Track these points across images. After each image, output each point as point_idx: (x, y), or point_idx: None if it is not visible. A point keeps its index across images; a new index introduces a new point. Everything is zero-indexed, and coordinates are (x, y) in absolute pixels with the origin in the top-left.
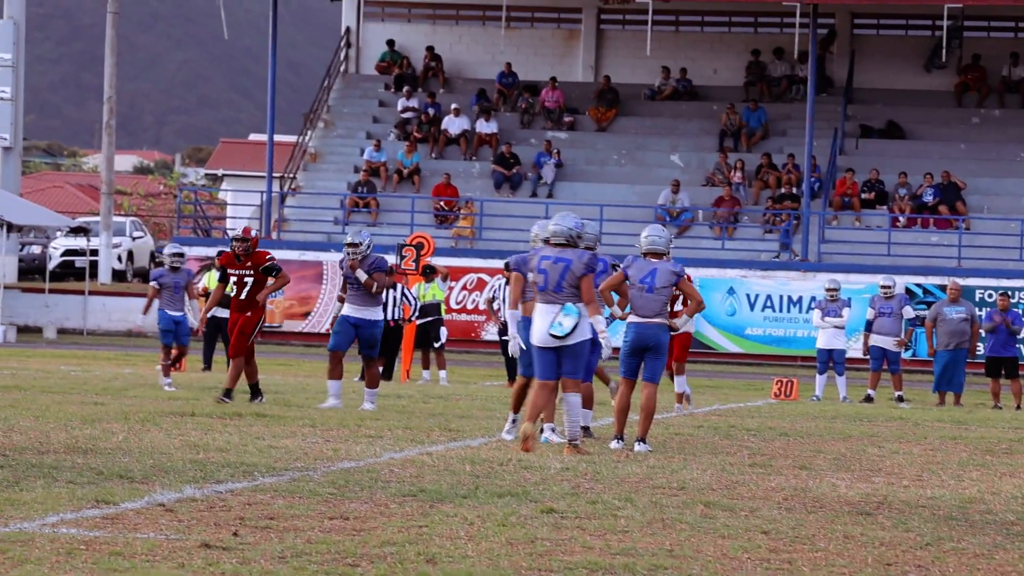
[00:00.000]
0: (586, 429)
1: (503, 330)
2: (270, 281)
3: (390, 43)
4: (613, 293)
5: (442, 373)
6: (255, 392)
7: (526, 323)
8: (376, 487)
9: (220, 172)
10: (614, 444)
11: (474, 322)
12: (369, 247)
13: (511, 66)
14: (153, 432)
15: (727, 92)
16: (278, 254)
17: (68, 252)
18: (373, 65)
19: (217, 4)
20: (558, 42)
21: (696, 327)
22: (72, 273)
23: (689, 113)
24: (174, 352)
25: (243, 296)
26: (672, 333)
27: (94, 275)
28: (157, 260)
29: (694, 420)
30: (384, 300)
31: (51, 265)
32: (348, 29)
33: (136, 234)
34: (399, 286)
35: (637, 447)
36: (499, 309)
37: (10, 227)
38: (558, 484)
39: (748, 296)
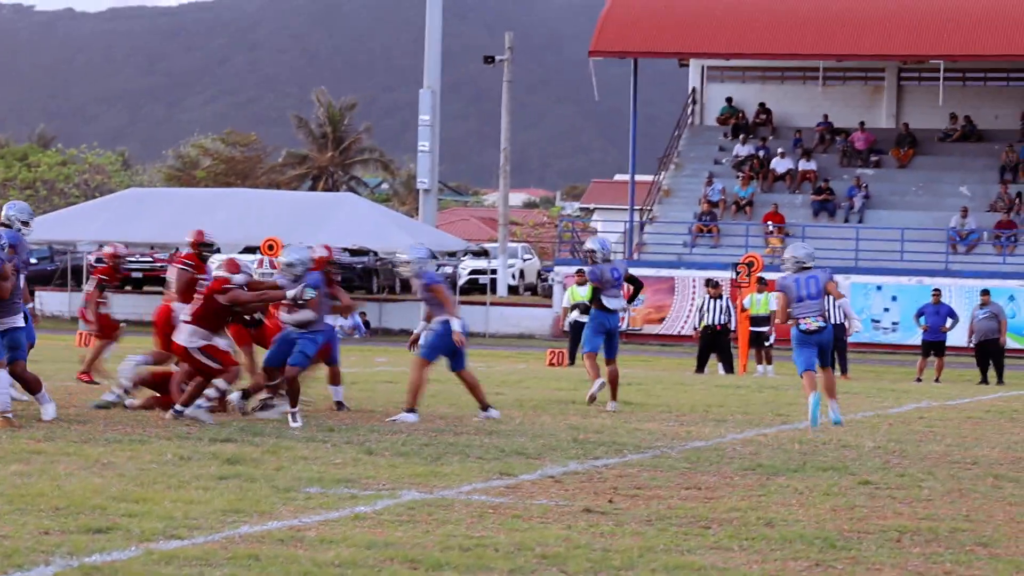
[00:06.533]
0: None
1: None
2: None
3: (728, 99)
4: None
5: (769, 368)
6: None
7: None
8: (722, 462)
9: (592, 206)
10: None
11: None
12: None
13: (827, 116)
14: (543, 416)
15: (1006, 134)
16: (638, 271)
17: (473, 272)
18: (714, 118)
19: (589, 71)
20: (865, 96)
21: None
22: (477, 288)
23: (975, 152)
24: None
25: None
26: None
27: (494, 290)
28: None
29: (982, 405)
30: (704, 307)
31: (460, 282)
32: (694, 89)
33: (526, 256)
34: (724, 296)
35: None
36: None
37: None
38: (871, 460)
39: None
